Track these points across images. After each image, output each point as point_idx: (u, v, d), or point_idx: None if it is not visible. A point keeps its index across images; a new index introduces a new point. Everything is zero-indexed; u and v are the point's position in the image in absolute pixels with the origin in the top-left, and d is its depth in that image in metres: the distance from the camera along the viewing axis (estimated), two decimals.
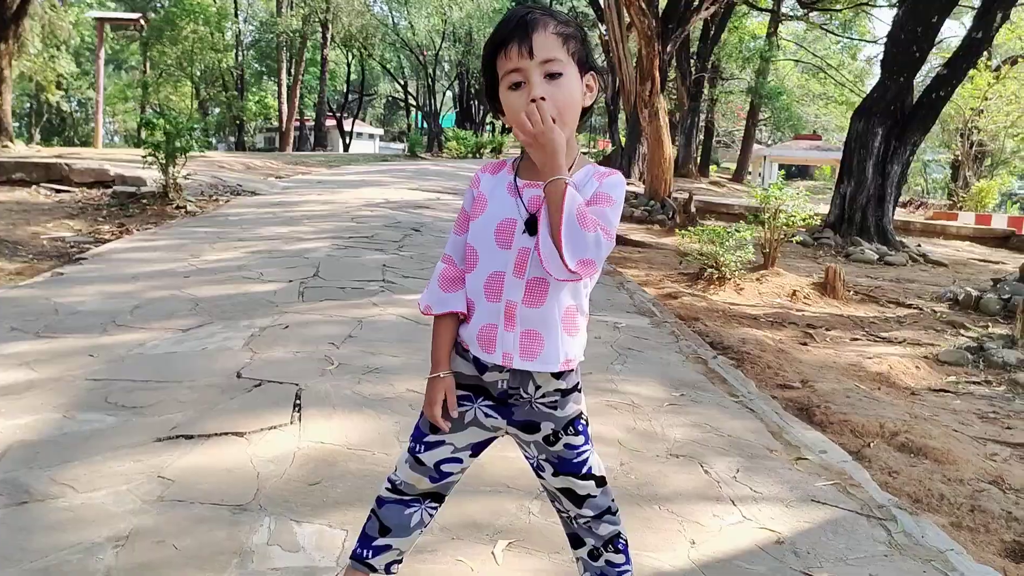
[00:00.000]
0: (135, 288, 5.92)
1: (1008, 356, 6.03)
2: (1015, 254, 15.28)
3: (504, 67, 1.72)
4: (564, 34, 1.72)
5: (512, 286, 1.76)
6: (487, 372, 1.83)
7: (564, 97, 1.71)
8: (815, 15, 32.93)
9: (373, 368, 4.28)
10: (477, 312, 1.82)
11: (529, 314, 1.77)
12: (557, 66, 1.70)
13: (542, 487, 1.98)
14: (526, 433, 1.87)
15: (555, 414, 1.85)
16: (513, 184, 1.80)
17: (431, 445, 1.90)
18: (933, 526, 3.01)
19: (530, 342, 1.78)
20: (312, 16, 38.69)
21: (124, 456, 3.02)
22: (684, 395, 4.37)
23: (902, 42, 13.25)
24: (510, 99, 1.73)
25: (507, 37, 1.70)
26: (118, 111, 50.76)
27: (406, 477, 1.94)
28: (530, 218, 1.74)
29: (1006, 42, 25.97)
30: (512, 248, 1.76)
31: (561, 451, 1.87)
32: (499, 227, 1.78)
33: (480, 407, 1.87)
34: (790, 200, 9.16)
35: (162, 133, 10.25)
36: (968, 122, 25.14)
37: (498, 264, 1.77)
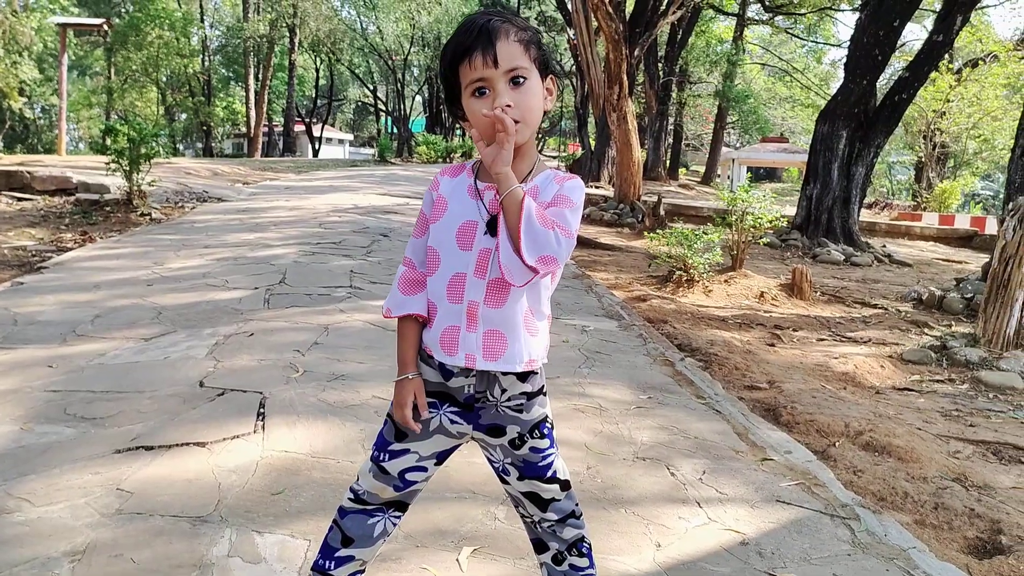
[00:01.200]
0: (97, 297, 5.83)
1: (971, 355, 6.11)
2: (978, 254, 15.53)
3: (468, 76, 1.72)
4: (525, 40, 1.73)
5: (473, 287, 1.76)
6: (453, 378, 1.82)
7: (528, 102, 1.73)
8: (780, 19, 33.30)
9: (339, 375, 4.24)
10: (439, 315, 1.82)
11: (491, 314, 1.77)
12: (521, 72, 1.72)
13: (507, 492, 1.97)
14: (492, 437, 1.86)
15: (521, 417, 1.84)
16: (474, 187, 1.80)
17: (395, 454, 1.88)
18: (896, 524, 3.04)
19: (493, 342, 1.78)
20: (279, 21, 38.46)
21: (82, 468, 2.97)
22: (651, 398, 4.38)
23: (865, 45, 13.44)
24: (475, 106, 1.73)
25: (470, 46, 1.69)
26: (82, 118, 50.02)
27: (369, 487, 1.92)
28: (491, 219, 1.74)
29: (967, 45, 26.43)
30: (473, 249, 1.76)
31: (527, 455, 1.86)
32: (460, 229, 1.78)
33: (446, 414, 1.85)
34: (757, 203, 9.24)
35: (126, 139, 10.11)
36: (931, 124, 25.56)
37: (459, 265, 1.77)
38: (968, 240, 17.42)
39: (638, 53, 18.11)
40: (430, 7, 38.76)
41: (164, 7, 38.22)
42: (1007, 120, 24.64)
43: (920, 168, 27.98)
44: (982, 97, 24.79)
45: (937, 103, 24.50)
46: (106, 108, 43.43)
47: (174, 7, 39.44)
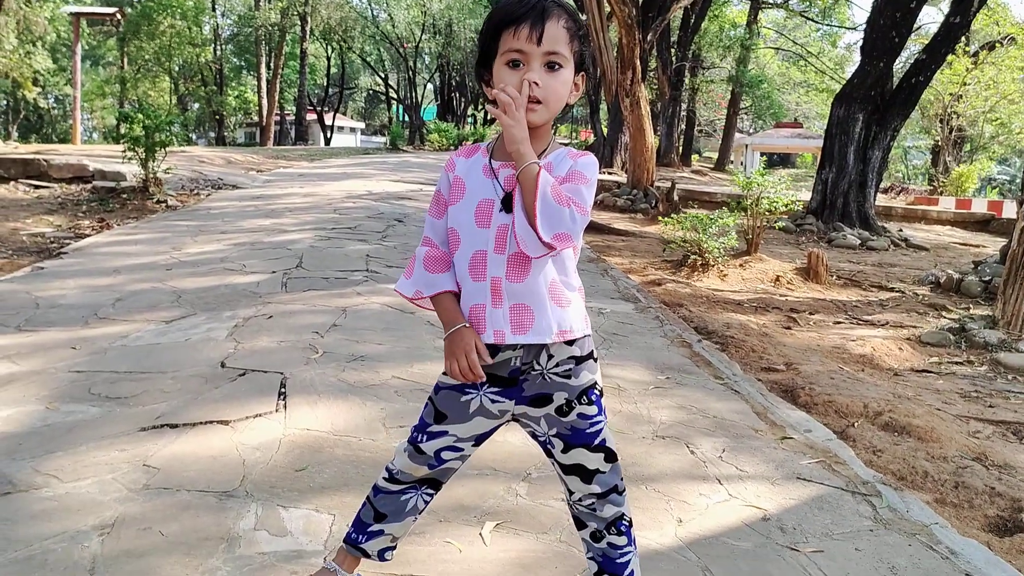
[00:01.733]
0: (116, 281, 5.87)
1: (989, 336, 6.08)
2: (995, 237, 15.41)
3: (508, 44, 1.73)
4: (572, 30, 1.76)
5: (495, 263, 1.78)
6: (499, 353, 1.82)
7: (556, 88, 1.75)
8: (795, 2, 33.04)
9: (358, 356, 4.26)
10: (464, 294, 1.84)
11: (515, 289, 1.78)
12: (559, 59, 1.74)
13: (554, 470, 1.96)
14: (536, 407, 1.86)
15: (569, 383, 1.84)
16: (488, 166, 1.83)
17: (434, 435, 1.89)
18: (918, 501, 3.03)
19: (519, 316, 1.79)
20: (290, 9, 38.43)
21: (108, 446, 3.00)
22: (669, 378, 4.39)
23: (881, 28, 13.32)
24: (504, 74, 1.74)
25: (520, 17, 1.71)
26: (96, 107, 50.25)
27: (403, 466, 1.95)
28: (506, 196, 1.77)
29: (983, 28, 26.12)
30: (491, 226, 1.78)
31: (575, 421, 1.85)
32: (478, 207, 1.81)
33: (486, 394, 1.85)
34: (772, 187, 9.20)
35: (141, 127, 10.15)
36: (947, 108, 25.32)
37: (479, 243, 1.79)
38: (985, 224, 17.28)
39: (651, 38, 17.98)
40: None
41: None
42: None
43: (936, 152, 27.75)
44: (999, 80, 24.51)
45: (954, 86, 24.26)
46: (119, 98, 43.59)
47: None
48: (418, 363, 4.20)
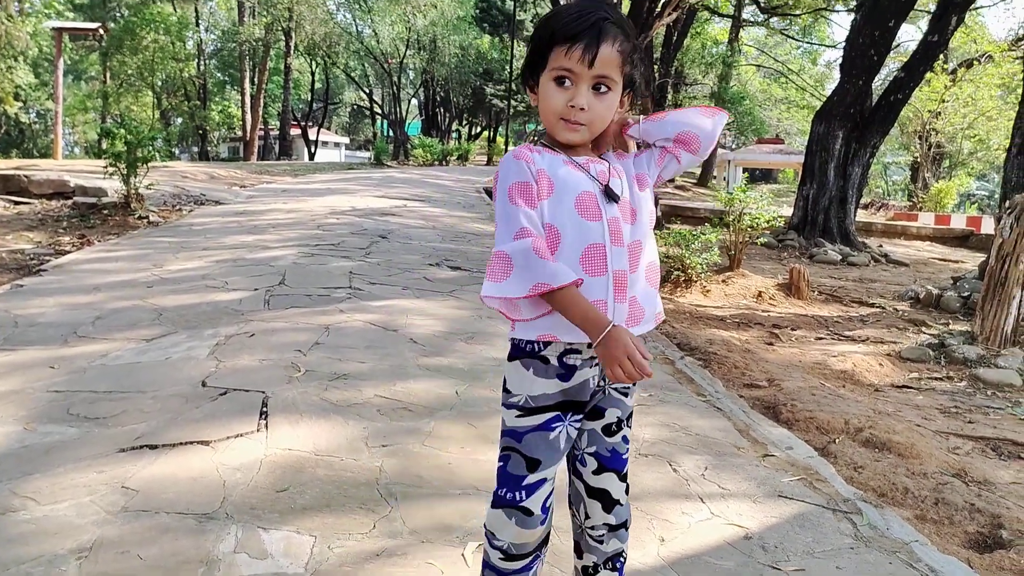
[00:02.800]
0: (97, 299, 5.83)
1: (968, 352, 6.14)
2: (974, 253, 15.58)
3: (559, 61, 1.68)
4: (627, 52, 1.70)
5: (616, 255, 1.71)
6: (576, 373, 1.72)
7: (601, 112, 1.72)
8: (775, 21, 33.40)
9: (341, 374, 4.25)
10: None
11: (633, 279, 1.74)
12: (608, 82, 1.70)
13: (573, 489, 1.87)
14: (589, 420, 1.80)
15: (625, 402, 1.82)
16: (572, 162, 1.75)
17: (533, 487, 1.73)
18: (898, 519, 3.05)
19: (636, 308, 1.75)
20: (275, 25, 38.44)
21: (87, 467, 2.97)
22: (652, 396, 4.40)
23: (860, 46, 13.49)
24: (550, 91, 1.71)
25: (576, 36, 1.65)
26: (78, 122, 50.02)
27: (514, 538, 1.75)
28: (606, 187, 1.73)
29: (961, 45, 26.56)
30: (602, 219, 1.71)
31: (618, 443, 1.82)
32: (579, 200, 1.70)
33: (570, 424, 1.77)
34: (754, 203, 9.27)
35: (123, 143, 10.10)
36: (926, 124, 25.65)
37: (592, 236, 1.69)
38: (964, 240, 17.48)
39: None
40: (425, 10, 38.77)
41: (159, 11, 38.20)
42: (1002, 120, 24.73)
43: (916, 168, 28.08)
44: (977, 97, 24.89)
45: (932, 103, 24.59)
46: (101, 112, 43.39)
47: (169, 11, 39.41)
48: (401, 382, 4.19)
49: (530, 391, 1.73)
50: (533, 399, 1.73)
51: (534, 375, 1.72)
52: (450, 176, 24.05)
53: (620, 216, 1.73)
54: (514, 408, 1.75)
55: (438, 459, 3.21)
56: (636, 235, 1.77)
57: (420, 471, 3.09)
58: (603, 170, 1.76)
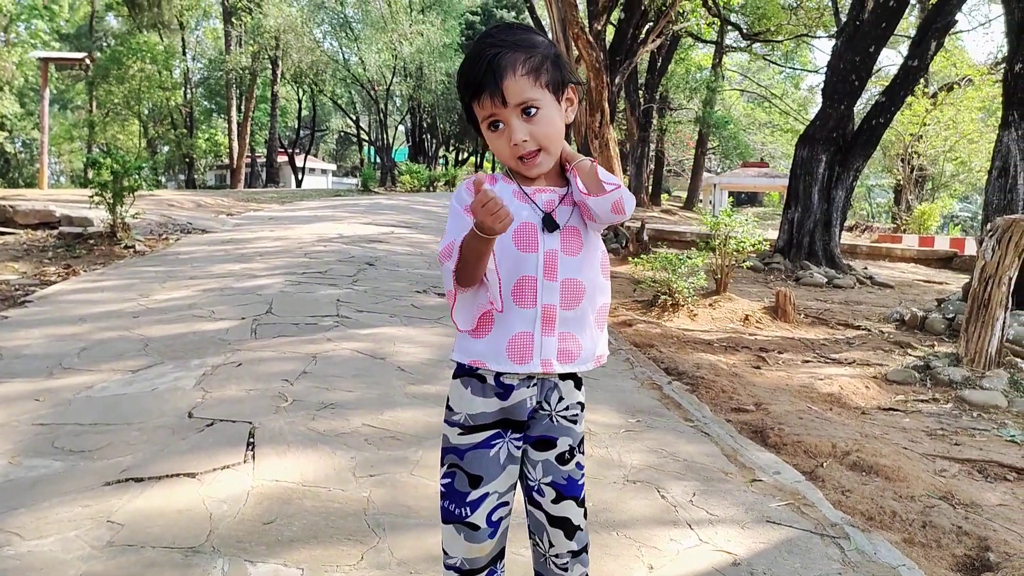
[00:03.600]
0: (82, 330, 5.80)
1: (954, 374, 6.18)
2: (958, 274, 15.70)
3: (480, 113, 1.72)
4: (534, 69, 1.69)
5: (547, 290, 1.72)
6: (513, 392, 1.75)
7: (544, 130, 1.71)
8: (758, 46, 33.81)
9: (328, 404, 4.24)
10: (504, 321, 1.73)
11: (567, 316, 1.74)
12: (532, 103, 1.69)
13: (532, 519, 1.87)
14: (538, 451, 1.80)
15: (574, 429, 1.82)
16: (520, 191, 1.77)
17: (478, 502, 1.76)
18: (886, 543, 3.06)
19: (568, 345, 1.75)
20: (261, 53, 38.60)
21: (72, 502, 2.95)
22: (640, 421, 4.40)
23: (841, 71, 13.66)
24: (491, 139, 1.74)
25: (479, 86, 1.67)
26: (64, 151, 49.93)
27: (465, 553, 1.79)
28: (546, 216, 1.73)
29: (942, 69, 26.91)
30: (538, 251, 1.72)
31: (571, 471, 1.82)
32: (517, 231, 1.72)
33: (510, 442, 1.79)
34: (739, 226, 9.33)
35: (109, 172, 10.09)
36: (908, 147, 25.93)
37: (524, 268, 1.72)
38: (948, 261, 17.63)
39: (619, 81, 18.32)
40: (412, 38, 39.02)
41: (146, 41, 38.30)
42: (983, 143, 25.02)
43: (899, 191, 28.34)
44: (958, 120, 25.19)
45: (914, 127, 24.87)
46: (88, 141, 43.35)
47: (156, 41, 39.51)
48: (389, 410, 4.18)
49: (469, 409, 1.77)
50: (472, 417, 1.77)
51: (472, 394, 1.77)
52: (437, 202, 24.11)
53: (560, 248, 1.73)
54: (456, 426, 1.79)
55: (426, 488, 3.20)
56: (576, 272, 1.75)
57: (408, 501, 3.08)
58: (551, 200, 1.76)
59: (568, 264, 1.74)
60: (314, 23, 41.20)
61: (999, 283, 6.22)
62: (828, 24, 24.51)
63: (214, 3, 44.80)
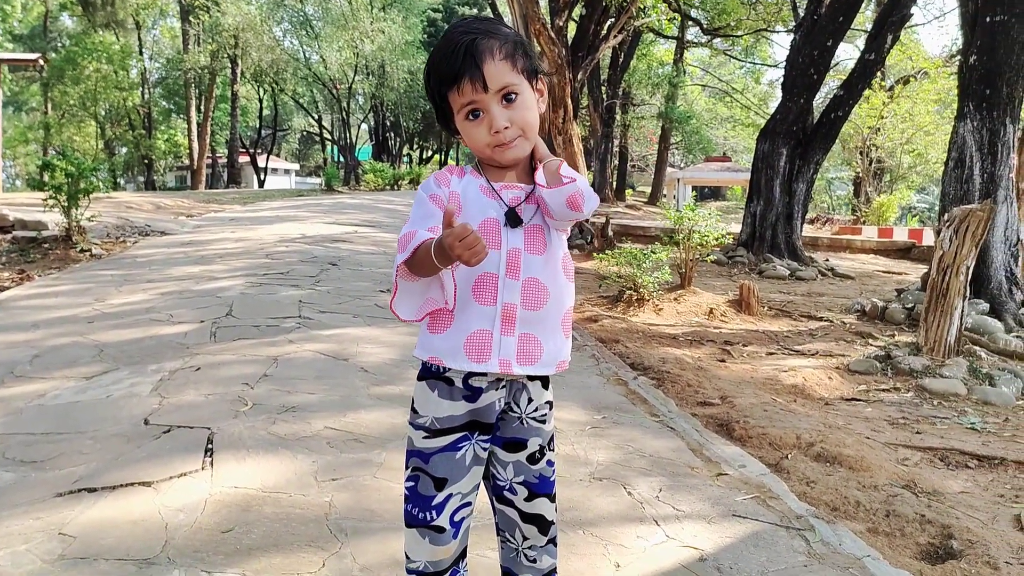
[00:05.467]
0: (35, 336, 5.66)
1: (914, 363, 6.25)
2: (916, 264, 15.94)
3: (458, 101, 1.67)
4: (511, 54, 1.68)
5: (508, 288, 1.68)
6: (482, 395, 1.72)
7: (523, 115, 1.69)
8: (718, 42, 34.03)
9: (289, 407, 4.16)
10: (463, 318, 1.69)
11: (528, 317, 1.70)
12: (512, 88, 1.67)
13: (500, 517, 1.86)
14: (508, 452, 1.78)
15: (544, 428, 1.79)
16: (488, 187, 1.73)
17: (442, 505, 1.74)
18: (850, 533, 3.07)
19: (529, 346, 1.71)
20: (220, 52, 38.10)
21: (22, 514, 2.86)
22: (606, 417, 4.39)
23: (800, 65, 13.78)
24: (469, 129, 1.69)
25: (457, 73, 1.63)
26: (19, 154, 48.82)
27: (430, 556, 1.76)
28: (510, 211, 1.69)
29: (898, 63, 27.25)
30: (501, 249, 1.68)
31: (543, 469, 1.80)
32: (481, 227, 1.67)
33: (477, 443, 1.76)
34: (703, 221, 9.37)
35: (64, 175, 9.88)
36: (867, 140, 26.25)
37: (488, 265, 1.66)
38: (907, 252, 17.88)
39: (581, 77, 18.31)
40: (373, 36, 38.75)
41: (102, 41, 37.57)
42: (939, 135, 25.39)
43: (858, 183, 28.70)
44: (914, 113, 25.56)
45: (872, 120, 25.19)
46: (43, 144, 42.46)
47: (112, 40, 38.79)
48: (352, 412, 4.12)
49: (436, 412, 1.73)
50: (439, 420, 1.73)
51: (439, 397, 1.73)
52: (402, 200, 23.97)
53: (524, 247, 1.69)
54: (421, 429, 1.75)
55: (390, 491, 3.15)
56: (539, 272, 1.71)
57: (371, 504, 3.03)
58: (517, 197, 1.72)
59: (531, 263, 1.70)
60: (273, 21, 40.78)
61: (957, 272, 6.29)
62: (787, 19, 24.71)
63: (171, 1, 44.12)
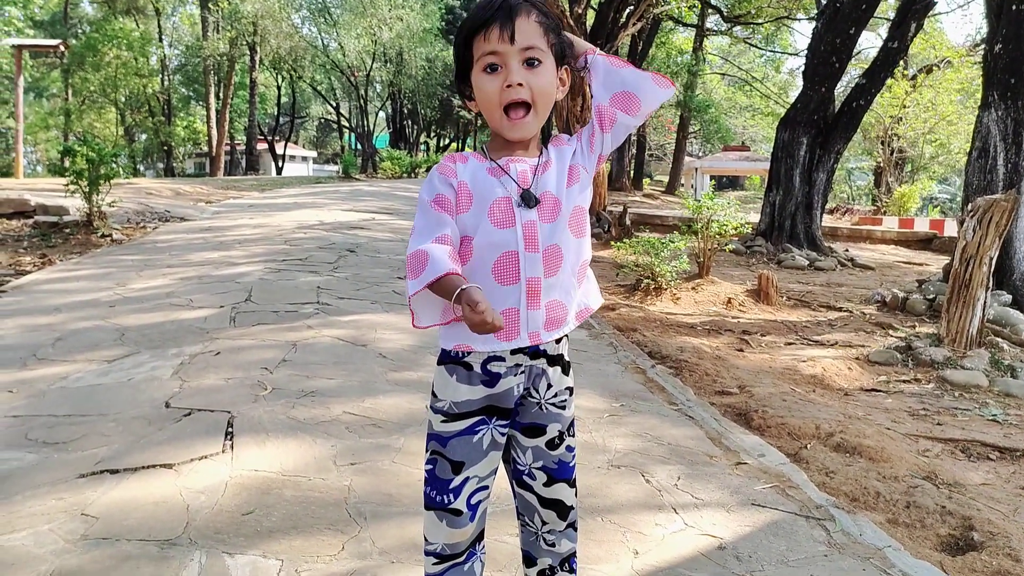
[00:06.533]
0: (57, 320, 5.71)
1: (935, 354, 6.19)
2: (938, 255, 15.79)
3: (481, 49, 1.65)
4: (545, 24, 1.68)
5: (530, 262, 1.67)
6: (500, 380, 1.72)
7: (541, 85, 1.67)
8: (738, 29, 33.74)
9: (308, 392, 4.18)
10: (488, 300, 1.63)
11: (550, 284, 1.70)
12: (537, 54, 1.66)
13: (520, 500, 1.87)
14: (528, 437, 1.80)
15: (563, 414, 1.80)
16: (493, 167, 1.71)
17: (460, 487, 1.74)
18: (870, 524, 3.05)
19: (554, 312, 1.72)
20: (239, 39, 38.16)
21: (45, 494, 2.89)
22: (624, 405, 4.38)
23: (822, 54, 13.64)
24: (483, 82, 1.66)
25: (488, 19, 1.63)
26: (40, 140, 49.19)
27: (447, 539, 1.77)
28: (525, 192, 1.68)
29: (921, 52, 26.97)
30: (516, 225, 1.66)
31: (562, 454, 1.81)
32: (492, 208, 1.67)
33: (495, 427, 1.76)
34: (721, 210, 9.32)
35: (85, 160, 9.94)
36: (888, 130, 26.01)
37: (506, 244, 1.66)
38: (928, 242, 17.72)
39: None
40: (391, 23, 38.68)
41: (122, 27, 37.73)
42: (962, 124, 25.15)
43: (879, 173, 28.46)
44: (937, 102, 25.29)
45: (894, 109, 24.95)
46: (64, 130, 42.72)
47: (132, 27, 38.95)
48: (370, 398, 4.13)
49: (454, 397, 1.73)
50: (457, 405, 1.73)
51: (457, 381, 1.73)
52: (419, 188, 23.90)
53: (538, 219, 1.67)
54: (440, 413, 1.76)
55: (409, 476, 3.16)
56: (555, 237, 1.69)
57: (390, 489, 3.04)
58: (524, 170, 1.70)
59: (548, 232, 1.68)
60: (292, 8, 40.74)
61: (980, 263, 6.23)
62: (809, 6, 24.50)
63: None
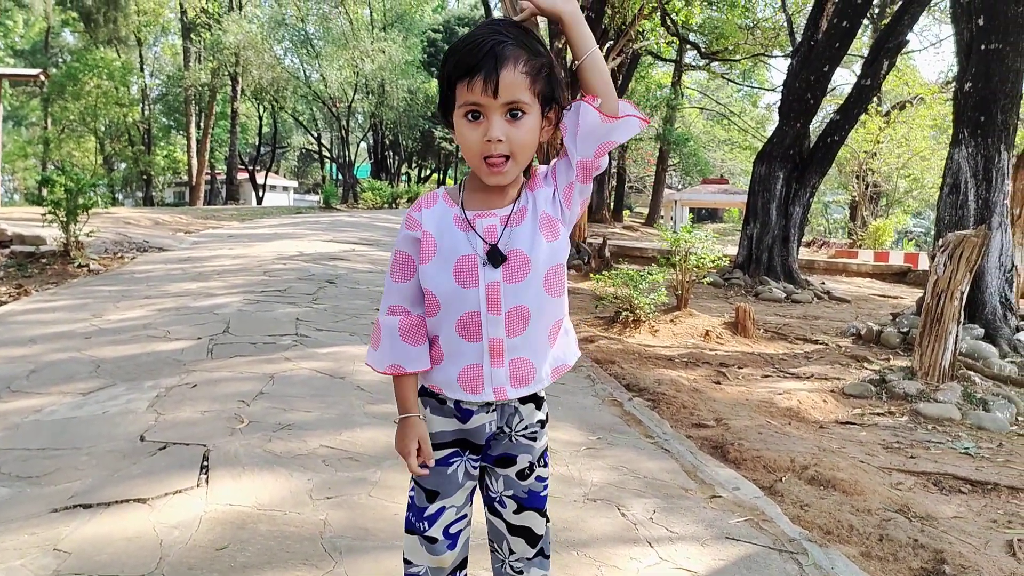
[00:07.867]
0: (32, 351, 5.66)
1: (909, 387, 6.27)
2: (912, 288, 15.99)
3: (464, 97, 1.60)
4: (533, 72, 1.61)
5: (492, 324, 1.67)
6: (472, 417, 1.75)
7: (521, 138, 1.62)
8: (716, 65, 34.26)
9: (285, 424, 4.17)
10: (451, 354, 1.72)
11: (516, 343, 1.70)
12: (520, 106, 1.61)
13: (491, 528, 1.90)
14: (500, 467, 1.82)
15: (534, 446, 1.81)
16: (462, 217, 1.68)
17: (435, 516, 1.80)
18: (843, 557, 3.08)
19: (520, 370, 1.72)
20: (221, 69, 38.27)
21: (17, 529, 2.86)
22: (601, 439, 4.40)
23: (797, 90, 13.90)
24: (464, 128, 1.62)
25: (473, 67, 1.56)
26: (18, 168, 48.88)
27: (428, 562, 1.83)
28: (492, 250, 1.65)
29: (894, 88, 27.47)
30: (479, 285, 1.65)
31: (532, 484, 1.83)
32: (457, 266, 1.66)
33: (467, 460, 1.80)
34: (699, 243, 9.42)
35: (63, 190, 9.91)
36: (863, 164, 26.44)
37: (467, 304, 1.66)
38: (902, 276, 17.95)
39: None
40: (373, 55, 38.96)
41: (103, 57, 37.73)
42: (935, 159, 25.60)
43: (854, 207, 28.87)
44: (910, 138, 25.76)
45: (868, 144, 25.39)
46: (42, 158, 42.56)
47: (113, 57, 38.96)
48: (347, 430, 4.13)
49: (428, 428, 1.78)
50: (431, 436, 1.78)
51: (431, 413, 1.79)
52: (399, 219, 23.93)
53: (503, 279, 1.65)
54: None
55: (385, 510, 3.16)
56: (521, 297, 1.67)
57: (366, 523, 3.04)
58: (493, 224, 1.67)
59: (512, 292, 1.67)
60: (274, 39, 40.94)
61: (951, 297, 6.33)
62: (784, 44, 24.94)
63: (173, 19, 44.39)
